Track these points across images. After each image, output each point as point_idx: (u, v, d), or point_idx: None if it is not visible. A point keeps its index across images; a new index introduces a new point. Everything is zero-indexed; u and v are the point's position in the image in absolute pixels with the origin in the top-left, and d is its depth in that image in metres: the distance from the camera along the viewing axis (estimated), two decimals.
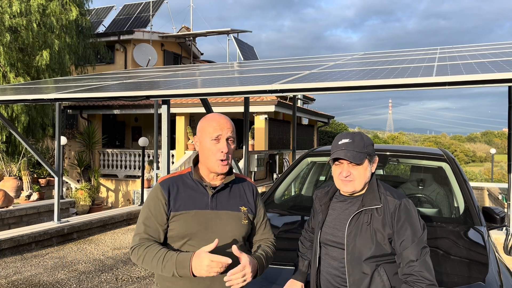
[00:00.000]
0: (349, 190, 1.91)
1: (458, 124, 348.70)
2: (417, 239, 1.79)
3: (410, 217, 1.83)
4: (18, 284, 4.90)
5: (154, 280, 1.90)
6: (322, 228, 1.97)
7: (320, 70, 4.97)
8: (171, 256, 1.67)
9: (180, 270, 1.65)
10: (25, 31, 11.14)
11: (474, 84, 3.25)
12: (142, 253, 1.72)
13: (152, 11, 17.61)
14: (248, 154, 7.37)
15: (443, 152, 3.91)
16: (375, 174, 2.00)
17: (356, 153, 1.86)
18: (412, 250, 1.77)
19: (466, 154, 64.74)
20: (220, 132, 1.77)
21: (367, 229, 1.83)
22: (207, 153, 1.79)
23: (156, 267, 1.70)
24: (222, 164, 1.78)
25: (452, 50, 6.34)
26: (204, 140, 1.80)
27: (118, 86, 5.68)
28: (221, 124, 1.79)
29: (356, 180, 1.88)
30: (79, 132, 15.37)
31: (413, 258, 1.76)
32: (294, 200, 4.22)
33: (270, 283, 2.34)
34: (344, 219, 1.91)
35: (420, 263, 1.75)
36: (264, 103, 12.66)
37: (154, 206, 1.79)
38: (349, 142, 1.89)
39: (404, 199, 1.88)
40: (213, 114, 1.86)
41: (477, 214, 3.10)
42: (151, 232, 1.78)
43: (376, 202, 1.86)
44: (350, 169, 1.88)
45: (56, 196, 7.21)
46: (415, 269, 1.74)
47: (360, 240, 1.83)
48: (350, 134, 1.95)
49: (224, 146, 1.77)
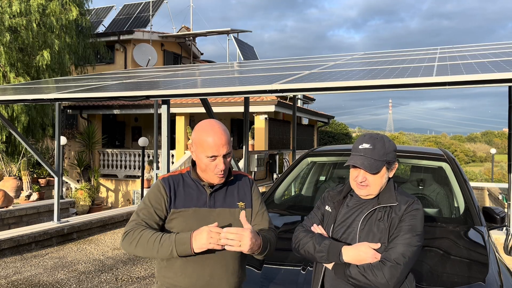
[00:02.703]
0: (363, 194, 1.90)
1: (458, 124, 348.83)
2: (413, 230, 1.77)
3: (417, 215, 1.83)
4: (18, 284, 4.89)
5: (154, 280, 1.90)
6: (334, 225, 1.95)
7: (320, 70, 4.96)
8: (169, 236, 1.68)
9: (180, 247, 1.65)
10: (25, 31, 11.14)
11: (474, 84, 3.25)
12: (137, 236, 1.71)
13: (152, 11, 17.61)
14: (248, 154, 7.37)
15: (443, 152, 3.91)
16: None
17: (374, 162, 1.82)
18: (402, 236, 1.75)
19: (466, 154, 64.73)
20: (216, 153, 1.76)
21: (380, 225, 1.82)
22: (203, 167, 1.81)
23: (151, 249, 1.68)
24: (219, 176, 1.80)
25: (452, 50, 6.34)
26: (200, 156, 1.80)
27: (118, 86, 5.67)
28: (217, 143, 1.75)
29: (372, 186, 1.86)
30: (79, 132, 15.37)
31: (398, 242, 1.74)
32: (294, 200, 4.22)
33: (270, 283, 2.34)
34: (358, 217, 1.89)
35: (401, 246, 1.73)
36: (264, 103, 12.65)
37: (155, 200, 1.81)
38: (369, 149, 1.84)
39: (416, 200, 1.89)
40: (207, 126, 1.79)
41: (477, 214, 3.10)
42: (148, 221, 1.78)
43: (392, 200, 1.85)
44: (366, 175, 1.85)
45: (56, 196, 7.20)
46: (391, 249, 1.73)
47: (373, 236, 1.81)
48: (373, 138, 1.89)
49: (221, 163, 1.78)
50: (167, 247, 1.66)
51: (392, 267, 1.69)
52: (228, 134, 1.83)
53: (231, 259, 1.81)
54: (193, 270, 1.77)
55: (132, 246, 1.72)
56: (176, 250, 1.65)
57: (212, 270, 1.77)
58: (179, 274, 1.77)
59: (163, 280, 1.83)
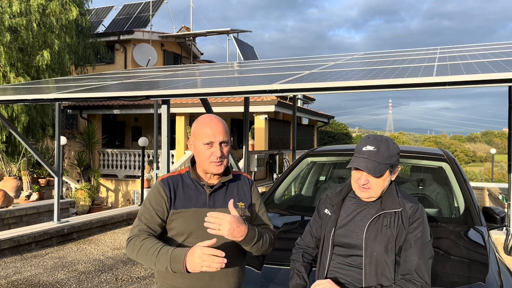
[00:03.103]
0: (365, 197, 1.87)
1: (458, 124, 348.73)
2: (424, 242, 1.79)
3: (424, 222, 1.83)
4: (18, 284, 4.89)
5: (154, 280, 1.89)
6: (335, 229, 1.91)
7: (320, 70, 4.96)
8: (167, 251, 1.66)
9: (174, 265, 1.62)
10: (25, 31, 11.14)
11: (474, 84, 3.25)
12: (138, 245, 1.72)
13: (152, 11, 17.60)
14: (248, 154, 7.37)
15: (443, 152, 3.91)
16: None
17: (378, 165, 1.79)
18: (417, 250, 1.76)
19: (466, 154, 64.70)
20: (212, 139, 1.79)
21: (386, 232, 1.80)
22: (201, 156, 1.82)
23: (150, 261, 1.68)
24: (216, 164, 1.81)
25: (452, 50, 6.34)
26: (197, 145, 1.82)
27: (118, 86, 5.67)
28: (213, 130, 1.79)
29: (374, 189, 1.84)
30: (79, 132, 15.37)
31: (415, 257, 1.75)
32: (294, 200, 4.22)
33: (270, 282, 2.34)
34: (361, 222, 1.86)
35: (422, 263, 1.75)
36: (264, 103, 12.65)
37: (155, 202, 1.81)
38: (373, 151, 1.81)
39: (420, 204, 1.88)
40: (205, 118, 1.85)
41: (477, 214, 3.09)
42: (151, 225, 1.79)
43: (396, 206, 1.83)
44: (369, 178, 1.82)
45: (56, 196, 7.20)
46: (414, 268, 1.74)
47: (380, 243, 1.79)
48: (377, 140, 1.84)
49: (217, 150, 1.79)
50: (163, 262, 1.65)
51: (424, 285, 1.73)
52: (226, 125, 1.86)
53: (231, 259, 1.80)
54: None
55: (134, 254, 1.74)
56: (171, 267, 1.64)
57: (212, 271, 1.77)
58: (179, 275, 1.76)
59: (163, 281, 1.83)
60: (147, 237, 1.74)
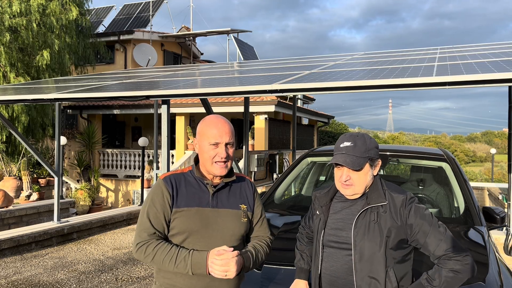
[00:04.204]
0: (349, 194, 1.89)
1: (458, 124, 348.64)
2: (430, 222, 1.81)
3: (417, 205, 1.85)
4: (18, 284, 4.89)
5: (154, 280, 1.89)
6: (325, 230, 1.93)
7: (320, 70, 4.96)
8: (184, 257, 1.70)
9: (196, 271, 1.70)
10: (25, 31, 11.14)
11: (474, 84, 3.25)
12: (152, 252, 1.73)
13: (152, 11, 17.60)
14: (248, 154, 7.37)
15: (443, 152, 3.91)
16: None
17: (356, 159, 1.83)
18: (432, 235, 1.79)
19: (466, 154, 64.71)
20: (219, 140, 1.79)
21: (374, 227, 1.81)
22: (205, 157, 1.82)
23: (167, 266, 1.72)
24: (221, 166, 1.80)
25: (452, 50, 6.34)
26: (203, 145, 1.82)
27: (118, 86, 5.68)
28: (220, 131, 1.80)
29: (356, 185, 1.86)
30: (79, 132, 15.37)
31: (435, 241, 1.78)
32: (294, 200, 4.22)
33: (270, 282, 2.34)
34: (349, 219, 1.88)
35: (443, 242, 1.78)
36: (264, 103, 12.65)
37: (159, 201, 1.80)
38: (350, 146, 1.86)
39: (408, 192, 1.91)
40: (212, 118, 1.86)
41: (477, 214, 3.09)
42: (157, 227, 1.78)
43: (381, 199, 1.85)
44: (350, 173, 1.85)
45: (56, 196, 7.20)
46: (444, 250, 1.77)
47: (369, 239, 1.80)
48: (353, 136, 1.91)
49: (222, 151, 1.80)
50: (182, 268, 1.71)
51: (465, 257, 1.76)
52: (232, 126, 1.87)
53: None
54: None
55: (148, 260, 1.76)
56: (192, 272, 1.71)
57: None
58: (179, 275, 1.76)
59: (162, 280, 1.82)
60: (157, 244, 1.74)
